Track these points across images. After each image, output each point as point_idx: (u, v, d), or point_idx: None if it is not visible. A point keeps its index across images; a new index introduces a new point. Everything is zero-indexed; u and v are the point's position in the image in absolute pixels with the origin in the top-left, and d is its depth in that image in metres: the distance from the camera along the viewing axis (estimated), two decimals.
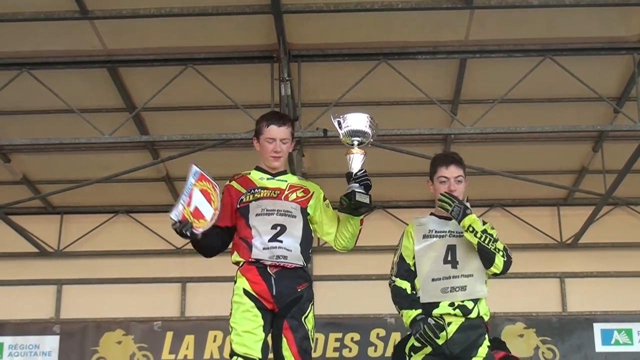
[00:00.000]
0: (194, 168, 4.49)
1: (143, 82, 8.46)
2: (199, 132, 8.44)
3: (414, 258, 4.69)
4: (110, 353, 10.16)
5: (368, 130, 4.48)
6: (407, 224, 4.86)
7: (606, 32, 7.84)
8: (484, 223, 4.63)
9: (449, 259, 4.61)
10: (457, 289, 4.56)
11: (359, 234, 4.65)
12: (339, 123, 4.50)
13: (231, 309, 4.48)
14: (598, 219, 10.57)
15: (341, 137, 4.50)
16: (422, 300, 4.61)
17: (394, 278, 4.73)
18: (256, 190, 4.57)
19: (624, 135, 9.10)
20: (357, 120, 4.48)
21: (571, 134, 9.19)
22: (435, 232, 4.70)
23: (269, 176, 4.64)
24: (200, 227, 4.40)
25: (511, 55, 8.16)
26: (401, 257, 4.74)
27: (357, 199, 4.41)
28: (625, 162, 8.87)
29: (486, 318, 4.64)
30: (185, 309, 11.11)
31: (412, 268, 4.68)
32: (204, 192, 4.47)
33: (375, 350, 10.08)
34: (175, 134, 8.51)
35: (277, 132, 4.61)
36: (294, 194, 4.59)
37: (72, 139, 8.41)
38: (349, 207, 4.47)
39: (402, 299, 4.65)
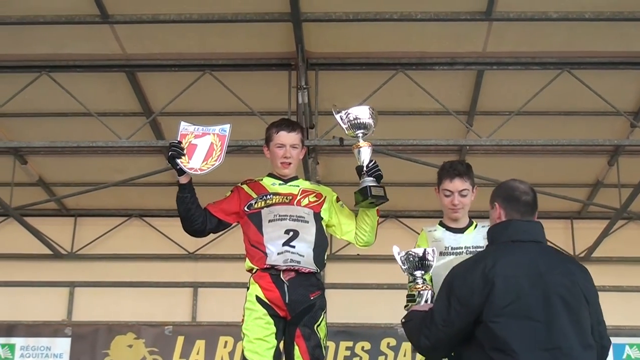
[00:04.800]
0: (228, 126, 4.51)
1: (161, 87, 8.51)
2: None
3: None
4: (121, 356, 10.12)
5: (370, 121, 4.50)
6: (419, 234, 4.79)
7: (625, 47, 7.84)
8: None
9: None
10: None
11: (377, 226, 4.65)
12: (342, 118, 4.52)
13: (243, 316, 4.48)
14: (612, 232, 10.52)
15: (345, 131, 4.52)
16: None
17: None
18: (268, 196, 4.57)
19: None
20: (360, 113, 4.50)
21: (587, 147, 9.17)
22: (452, 248, 4.63)
23: (281, 182, 4.66)
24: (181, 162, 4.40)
25: (529, 68, 8.18)
26: None
27: (373, 193, 4.40)
28: None
29: None
30: (197, 314, 11.13)
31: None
32: (211, 147, 4.46)
33: None
34: None
35: (286, 137, 4.63)
36: (306, 199, 4.60)
37: (89, 143, 8.43)
38: (365, 202, 4.47)
39: None
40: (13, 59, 8.14)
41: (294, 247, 4.43)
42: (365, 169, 4.47)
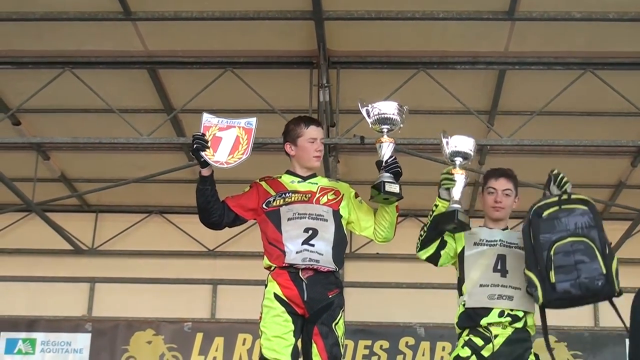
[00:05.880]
0: (254, 120, 4.46)
1: (182, 84, 8.52)
2: None
3: (455, 255, 4.75)
4: (141, 352, 10.18)
5: (396, 117, 4.49)
6: None
7: None
8: None
9: (499, 267, 4.62)
10: (504, 298, 4.55)
11: (397, 222, 4.66)
12: (368, 111, 4.50)
13: (261, 313, 4.48)
14: (634, 234, 10.43)
15: (370, 125, 4.52)
16: (467, 305, 4.61)
17: None
18: (287, 194, 4.56)
19: None
20: (386, 108, 4.49)
21: (610, 148, 9.10)
22: (486, 241, 4.72)
23: (300, 179, 4.64)
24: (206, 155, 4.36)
25: (551, 68, 8.13)
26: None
27: (386, 189, 4.39)
28: None
29: (532, 332, 4.63)
30: (216, 311, 11.15)
31: (447, 244, 4.73)
32: (237, 140, 4.40)
33: (404, 359, 10.03)
34: None
35: (317, 132, 4.64)
36: (325, 196, 4.58)
37: (110, 139, 8.48)
38: (379, 197, 4.45)
39: None
40: (36, 55, 8.18)
41: (313, 245, 4.42)
42: (384, 164, 4.47)
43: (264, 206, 4.56)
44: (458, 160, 4.57)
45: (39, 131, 9.27)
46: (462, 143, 4.57)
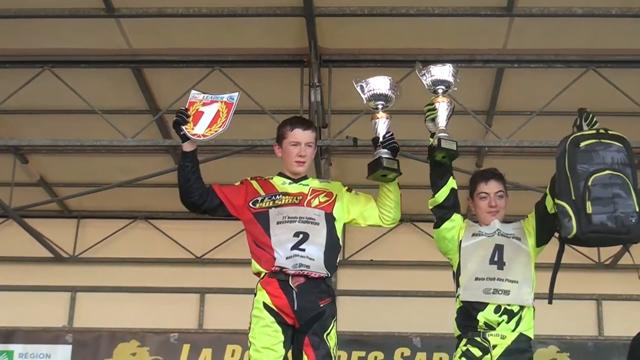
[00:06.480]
0: (237, 94, 4.60)
1: (168, 83, 8.37)
2: (224, 138, 8.24)
3: (453, 240, 4.77)
4: None
5: (390, 93, 4.60)
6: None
7: None
8: None
9: (496, 259, 4.61)
10: (501, 292, 4.53)
11: (394, 227, 4.70)
12: (362, 87, 4.59)
13: (250, 323, 4.41)
14: None
15: (364, 101, 4.62)
16: (462, 299, 4.58)
17: None
18: (277, 196, 4.51)
19: None
20: (379, 84, 4.59)
21: None
22: (485, 233, 4.71)
23: (291, 181, 4.59)
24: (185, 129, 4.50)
25: (551, 66, 8.02)
26: None
27: (385, 165, 4.44)
28: None
29: (531, 335, 4.57)
30: (204, 321, 11.00)
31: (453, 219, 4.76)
32: (217, 114, 4.53)
33: None
34: None
35: (302, 135, 4.57)
36: (317, 199, 4.54)
37: (93, 141, 8.34)
38: (377, 174, 4.47)
39: None
40: (14, 53, 8.00)
41: (303, 250, 4.36)
42: (380, 140, 4.50)
43: (250, 205, 4.50)
44: (440, 88, 4.62)
45: (16, 133, 9.15)
46: (440, 71, 4.63)
